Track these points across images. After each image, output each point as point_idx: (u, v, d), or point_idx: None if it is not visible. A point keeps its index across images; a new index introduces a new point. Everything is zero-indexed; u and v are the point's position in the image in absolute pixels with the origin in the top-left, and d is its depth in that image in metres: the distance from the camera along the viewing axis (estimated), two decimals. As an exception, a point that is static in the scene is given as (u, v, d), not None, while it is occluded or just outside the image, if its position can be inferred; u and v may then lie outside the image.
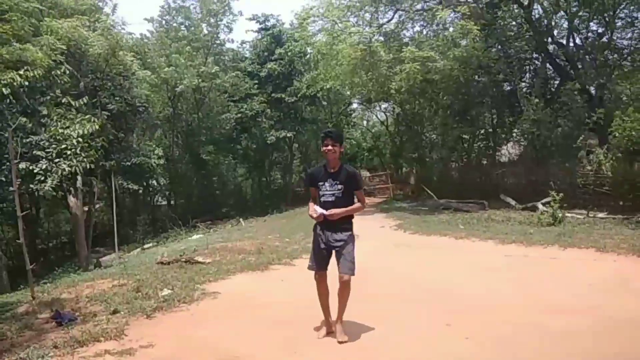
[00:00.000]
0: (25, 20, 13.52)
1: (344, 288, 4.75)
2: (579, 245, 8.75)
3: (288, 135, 26.71)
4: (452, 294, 6.34)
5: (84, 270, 13.20)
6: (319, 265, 4.91)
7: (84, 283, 8.02)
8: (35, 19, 14.85)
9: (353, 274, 4.72)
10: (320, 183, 4.81)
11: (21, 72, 9.77)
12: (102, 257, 17.80)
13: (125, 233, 23.80)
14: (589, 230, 10.23)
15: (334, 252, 4.82)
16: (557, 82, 19.52)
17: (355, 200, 4.83)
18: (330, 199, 4.74)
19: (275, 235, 13.32)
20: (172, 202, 30.32)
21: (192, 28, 28.87)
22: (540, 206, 13.64)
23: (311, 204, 4.89)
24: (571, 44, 19.10)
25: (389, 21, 21.06)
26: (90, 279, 8.40)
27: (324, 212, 4.68)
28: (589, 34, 19.19)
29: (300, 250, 10.34)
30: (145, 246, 19.01)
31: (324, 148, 4.75)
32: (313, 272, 4.93)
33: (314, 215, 4.77)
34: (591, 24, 18.95)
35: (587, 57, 18.66)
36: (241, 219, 22.22)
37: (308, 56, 27.57)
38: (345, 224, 4.80)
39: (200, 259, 9.38)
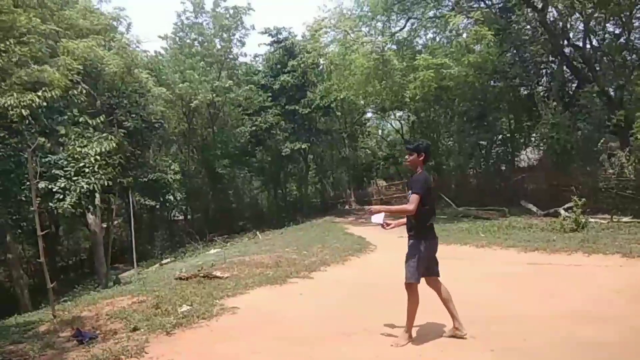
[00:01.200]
0: (42, 42, 13.79)
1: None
2: (604, 252, 8.50)
3: (303, 146, 26.70)
4: (475, 304, 6.15)
5: (103, 288, 13.27)
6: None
7: (103, 300, 8.02)
8: (52, 40, 15.14)
9: (406, 280, 4.80)
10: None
11: (39, 93, 9.92)
12: (121, 274, 17.91)
13: (143, 249, 23.96)
14: (614, 236, 9.95)
15: None
16: (574, 85, 19.25)
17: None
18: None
19: (292, 248, 13.23)
20: (189, 217, 30.50)
21: (206, 44, 29.22)
22: (562, 212, 13.35)
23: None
24: (588, 46, 18.82)
25: (401, 29, 21.06)
26: (109, 297, 8.40)
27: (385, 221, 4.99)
28: (606, 35, 18.92)
29: (318, 262, 10.24)
30: (163, 262, 19.08)
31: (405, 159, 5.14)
32: None
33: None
34: (607, 25, 18.67)
35: (604, 58, 18.37)
36: (258, 232, 22.21)
37: (321, 67, 27.68)
38: (410, 230, 4.90)
39: (218, 273, 9.33)
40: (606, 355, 4.11)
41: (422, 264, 4.78)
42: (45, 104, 10.57)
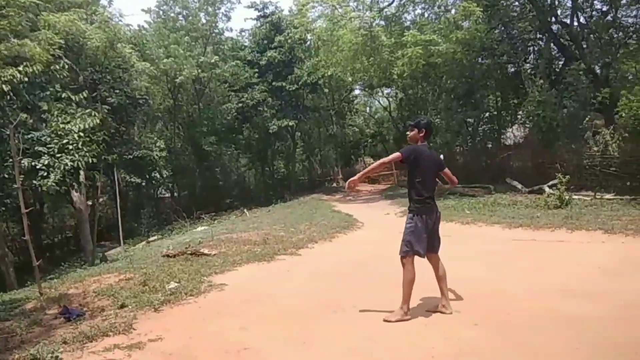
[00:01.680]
0: (22, 16, 13.37)
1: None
2: (586, 228, 8.67)
3: (290, 123, 26.53)
4: (460, 280, 6.22)
5: (90, 265, 13.21)
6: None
7: (90, 278, 8.01)
8: (32, 13, 14.69)
9: (400, 254, 4.87)
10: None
11: (20, 68, 9.64)
12: (108, 251, 17.83)
13: (130, 226, 23.86)
14: (597, 212, 10.12)
15: None
16: (561, 62, 19.28)
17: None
18: None
19: (280, 225, 13.27)
20: (175, 194, 30.34)
21: (190, 18, 28.64)
22: (546, 189, 13.53)
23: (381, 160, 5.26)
24: (575, 23, 18.80)
25: (389, 4, 20.84)
26: (96, 274, 8.37)
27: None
28: (594, 13, 18.89)
29: (306, 240, 10.30)
30: (150, 239, 19.02)
31: None
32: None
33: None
34: (595, 2, 18.66)
35: (591, 36, 18.40)
36: (245, 210, 22.20)
37: (308, 43, 27.33)
38: (409, 202, 5.06)
39: (205, 250, 9.35)
40: (590, 330, 4.20)
41: (415, 238, 4.80)
42: (26, 79, 10.29)
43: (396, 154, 4.95)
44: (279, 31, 27.12)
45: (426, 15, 21.25)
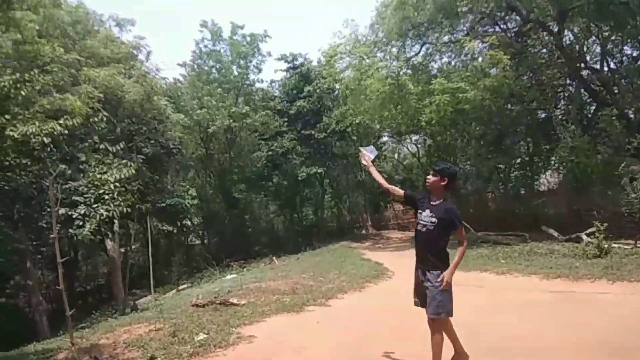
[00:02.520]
0: (65, 71, 14.18)
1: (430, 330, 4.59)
2: (628, 279, 8.30)
3: (319, 171, 26.73)
4: (496, 334, 6.00)
5: (121, 314, 13.29)
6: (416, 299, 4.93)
7: (121, 328, 8.03)
8: (74, 69, 15.56)
9: (434, 316, 4.55)
10: (420, 211, 4.77)
11: (61, 121, 10.11)
12: (139, 300, 17.93)
13: (161, 274, 24.02)
14: (638, 262, 9.67)
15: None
16: (593, 107, 19.04)
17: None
18: (422, 229, 4.70)
19: (309, 274, 13.13)
20: (205, 241, 30.55)
21: (223, 70, 29.71)
22: (584, 237, 13.04)
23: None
24: (605, 69, 18.69)
25: (416, 54, 21.17)
26: (127, 324, 8.40)
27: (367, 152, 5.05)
28: (624, 58, 18.80)
29: (335, 289, 10.14)
30: (180, 287, 19.07)
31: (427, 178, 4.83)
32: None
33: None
34: (625, 47, 18.58)
35: (622, 81, 18.20)
36: (274, 258, 22.11)
37: (336, 92, 27.86)
38: (431, 260, 4.65)
39: (234, 300, 9.29)
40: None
41: (448, 297, 4.54)
42: (66, 131, 10.78)
43: (463, 230, 4.76)
44: (308, 81, 27.83)
45: (453, 63, 21.52)
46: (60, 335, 10.94)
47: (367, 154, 4.93)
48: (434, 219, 4.60)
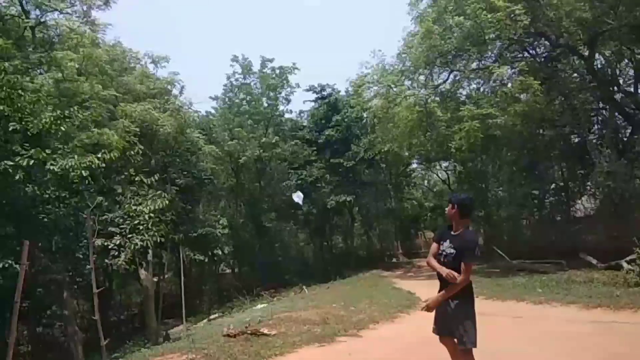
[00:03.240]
0: (102, 107, 14.78)
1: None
2: (672, 308, 7.92)
3: (348, 199, 26.74)
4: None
5: (153, 344, 13.39)
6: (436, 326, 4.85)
7: (153, 358, 8.09)
8: (111, 104, 16.20)
9: (468, 346, 4.49)
10: (442, 242, 4.77)
11: (99, 154, 10.52)
12: (171, 329, 18.02)
13: (192, 303, 24.13)
14: (683, 290, 9.27)
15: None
16: (629, 131, 18.56)
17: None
18: (443, 260, 4.66)
19: (339, 303, 12.97)
20: (236, 270, 30.66)
21: (253, 102, 30.33)
22: (625, 264, 12.55)
23: (432, 259, 4.80)
24: (639, 91, 18.28)
25: (444, 82, 21.19)
26: (159, 354, 8.46)
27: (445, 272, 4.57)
28: (658, 80, 18.35)
29: (367, 319, 10.00)
30: (212, 317, 19.12)
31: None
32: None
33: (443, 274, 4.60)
34: (659, 69, 18.16)
35: (658, 103, 17.74)
36: (304, 287, 21.99)
37: (364, 121, 28.05)
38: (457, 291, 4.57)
39: (265, 330, 9.23)
40: None
41: (474, 325, 4.50)
42: (104, 165, 11.17)
43: (471, 266, 4.60)
44: (336, 111, 28.15)
45: (482, 89, 21.40)
46: (94, 364, 11.08)
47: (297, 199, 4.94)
48: (452, 250, 4.58)
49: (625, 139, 18.45)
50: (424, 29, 18.20)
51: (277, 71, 29.87)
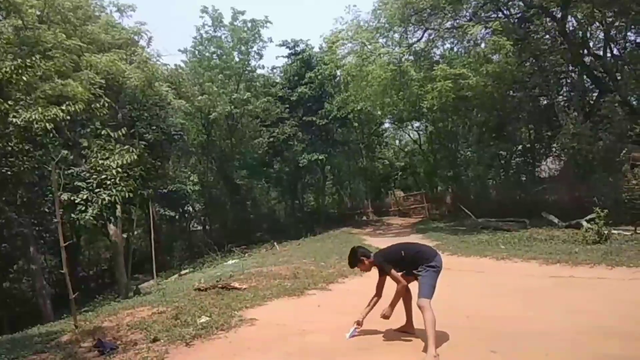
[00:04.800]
0: (66, 57, 14.11)
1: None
2: (627, 264, 8.38)
3: (320, 157, 26.74)
4: (496, 319, 6.08)
5: (123, 298, 13.41)
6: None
7: (124, 311, 8.11)
8: (75, 54, 15.48)
9: (423, 297, 4.95)
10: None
11: (63, 107, 10.14)
12: (141, 284, 18.08)
13: (163, 259, 24.18)
14: (638, 248, 9.76)
15: None
16: (595, 94, 18.97)
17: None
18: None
19: (310, 259, 13.22)
20: (207, 227, 30.70)
21: (224, 57, 29.53)
22: (584, 223, 13.09)
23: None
24: (608, 55, 18.59)
25: (418, 40, 21.02)
26: (130, 307, 8.49)
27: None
28: (627, 44, 18.67)
29: (336, 274, 10.21)
30: (182, 272, 19.22)
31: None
32: None
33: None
34: (629, 33, 18.49)
35: (625, 67, 18.10)
36: (275, 243, 22.24)
37: (338, 78, 27.78)
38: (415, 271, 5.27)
39: (236, 284, 9.37)
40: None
41: (435, 282, 5.04)
42: (68, 117, 10.80)
43: (392, 272, 5.34)
44: (310, 68, 27.70)
45: (455, 49, 21.40)
46: (64, 318, 11.06)
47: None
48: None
49: (591, 102, 18.87)
50: (400, -15, 17.89)
51: (249, 24, 29.03)
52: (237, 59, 29.74)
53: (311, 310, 7.41)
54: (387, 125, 34.92)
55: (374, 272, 5.63)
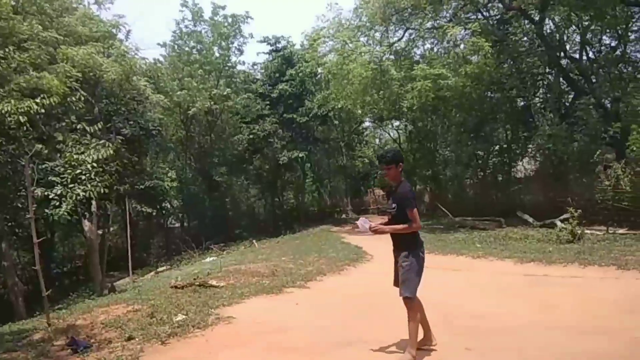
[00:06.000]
0: (42, 49, 13.77)
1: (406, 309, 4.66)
2: (599, 263, 8.57)
3: (300, 155, 26.70)
4: (471, 316, 6.17)
5: (98, 295, 13.19)
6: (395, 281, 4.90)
7: (98, 309, 7.99)
8: (51, 46, 15.11)
9: (407, 294, 4.59)
10: (389, 202, 4.93)
11: (38, 100, 9.88)
12: (117, 282, 17.81)
13: (139, 256, 23.85)
14: (610, 247, 10.00)
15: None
16: (571, 96, 19.35)
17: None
18: (390, 217, 4.86)
19: (288, 257, 13.21)
20: (185, 224, 30.39)
21: (204, 51, 29.22)
22: (558, 223, 13.38)
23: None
24: (584, 58, 19.00)
25: (399, 40, 21.16)
26: (104, 305, 8.36)
27: (370, 224, 4.86)
28: (602, 48, 19.12)
29: (315, 272, 10.23)
30: (159, 270, 18.99)
31: (382, 172, 4.90)
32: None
33: (358, 228, 4.89)
34: (604, 37, 18.92)
35: (600, 70, 18.52)
36: (254, 241, 22.14)
37: (319, 76, 27.73)
38: (403, 244, 4.76)
39: (214, 282, 9.30)
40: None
41: (419, 278, 4.68)
42: (43, 110, 10.54)
43: (416, 211, 4.63)
44: (291, 65, 27.61)
45: (435, 49, 21.58)
46: (36, 316, 10.83)
47: (365, 228, 4.91)
48: (394, 204, 4.75)
49: (567, 104, 19.25)
50: (382, -16, 17.96)
51: (230, 19, 28.79)
52: (217, 55, 29.47)
53: (289, 308, 7.40)
54: (367, 123, 35.06)
55: (353, 274, 5.61)
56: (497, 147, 21.31)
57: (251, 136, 27.42)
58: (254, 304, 7.68)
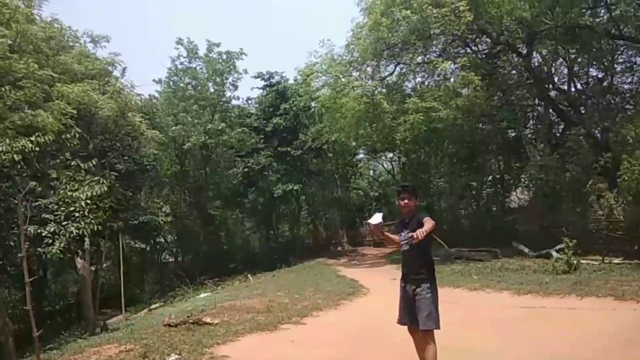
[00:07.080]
0: (37, 87, 13.91)
1: (424, 342, 4.64)
2: (596, 294, 8.54)
3: (295, 187, 26.74)
4: (469, 351, 6.09)
5: (90, 334, 12.91)
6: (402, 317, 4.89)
7: (90, 349, 7.84)
8: (47, 84, 15.27)
9: (432, 327, 4.64)
10: (401, 234, 4.93)
11: (32, 138, 9.96)
12: (109, 319, 17.47)
13: (132, 293, 23.46)
14: (606, 277, 10.00)
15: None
16: (561, 127, 19.68)
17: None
18: (405, 248, 4.83)
19: (284, 291, 13.06)
20: (179, 259, 30.08)
21: (199, 87, 29.59)
22: (554, 253, 13.37)
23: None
24: (572, 90, 19.40)
25: (390, 74, 21.54)
26: (96, 344, 8.20)
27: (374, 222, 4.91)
28: (590, 79, 19.54)
29: (311, 307, 10.11)
30: (153, 307, 18.69)
31: (401, 202, 4.91)
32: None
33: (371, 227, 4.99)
34: (591, 69, 19.35)
35: (589, 101, 18.89)
36: (249, 275, 21.91)
37: (312, 110, 28.03)
38: (421, 271, 4.77)
39: (208, 319, 9.15)
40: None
41: (438, 310, 4.69)
42: (37, 148, 10.59)
43: (433, 222, 4.64)
44: (284, 99, 27.97)
45: (426, 83, 21.98)
46: (27, 356, 10.58)
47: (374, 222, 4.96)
48: (410, 233, 4.69)
49: (558, 135, 19.55)
50: (372, 21, 18.44)
51: (224, 56, 29.28)
52: (212, 90, 29.84)
53: (285, 345, 7.29)
54: (361, 155, 35.25)
55: (350, 309, 5.56)
56: (490, 178, 21.49)
57: (246, 169, 27.52)
58: (249, 342, 7.56)
